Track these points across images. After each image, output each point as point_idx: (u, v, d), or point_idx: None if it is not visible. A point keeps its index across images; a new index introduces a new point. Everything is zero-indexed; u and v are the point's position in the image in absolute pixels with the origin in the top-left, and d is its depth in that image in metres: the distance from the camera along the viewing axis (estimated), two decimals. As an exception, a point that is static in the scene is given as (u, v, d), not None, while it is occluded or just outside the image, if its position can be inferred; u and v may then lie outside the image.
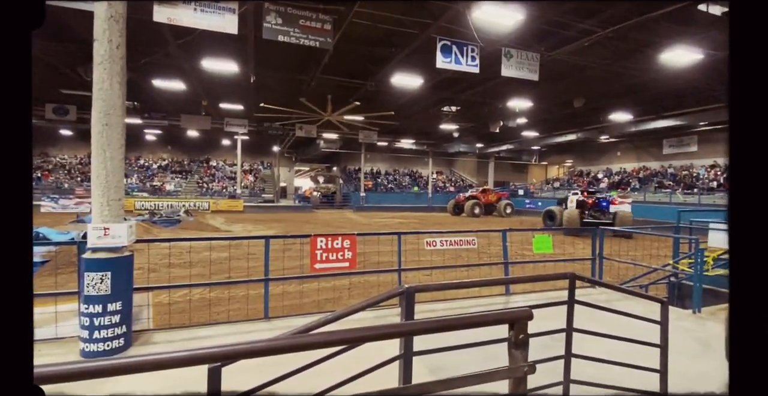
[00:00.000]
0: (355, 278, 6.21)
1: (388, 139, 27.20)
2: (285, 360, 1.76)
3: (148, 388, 2.86)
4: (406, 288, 1.75)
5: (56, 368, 0.73)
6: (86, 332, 3.38)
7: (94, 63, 3.17)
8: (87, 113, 18.26)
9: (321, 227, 16.07)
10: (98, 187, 3.31)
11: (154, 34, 9.28)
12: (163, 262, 6.56)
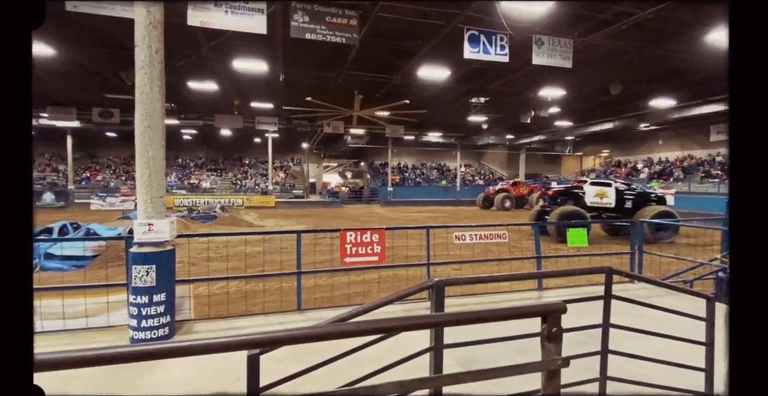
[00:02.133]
0: (385, 272, 6.27)
1: (415, 132, 27.01)
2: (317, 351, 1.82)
3: (189, 375, 3.05)
4: (436, 281, 1.76)
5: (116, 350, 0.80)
6: (135, 321, 3.63)
7: (135, 68, 3.36)
8: (129, 116, 19.26)
9: (349, 222, 16.28)
10: (142, 186, 3.53)
11: (188, 38, 9.66)
12: (201, 256, 6.89)
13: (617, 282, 3.15)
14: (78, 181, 25.54)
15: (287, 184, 29.62)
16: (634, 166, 26.83)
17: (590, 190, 11.45)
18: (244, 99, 18.18)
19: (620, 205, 11.21)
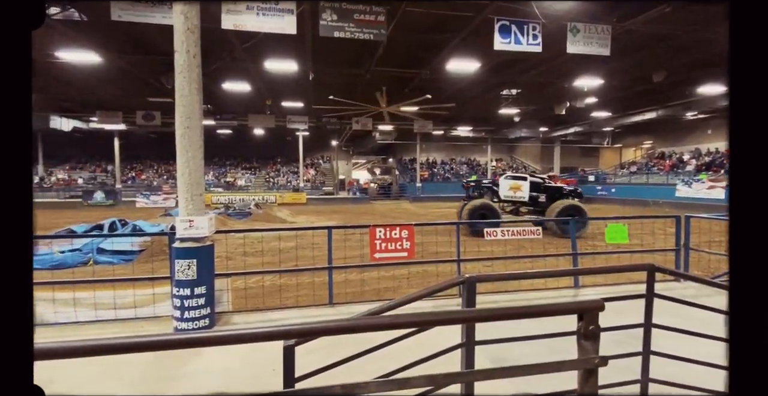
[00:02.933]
0: (414, 268, 6.27)
1: (444, 127, 26.67)
2: (348, 345, 1.86)
3: (228, 364, 3.20)
4: (467, 277, 1.75)
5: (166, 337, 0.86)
6: (178, 312, 3.85)
7: (175, 72, 3.53)
8: (169, 118, 20.24)
9: (378, 218, 16.39)
10: (183, 184, 3.72)
11: (223, 41, 10.01)
12: (238, 251, 7.17)
13: (661, 280, 2.98)
14: (124, 181, 27.23)
15: (317, 181, 30.18)
16: (679, 157, 25.18)
17: (504, 184, 11.53)
18: (276, 99, 18.65)
19: (534, 199, 11.25)
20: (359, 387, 0.84)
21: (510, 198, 11.48)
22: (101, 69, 13.16)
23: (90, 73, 13.92)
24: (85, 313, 4.20)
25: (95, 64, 12.36)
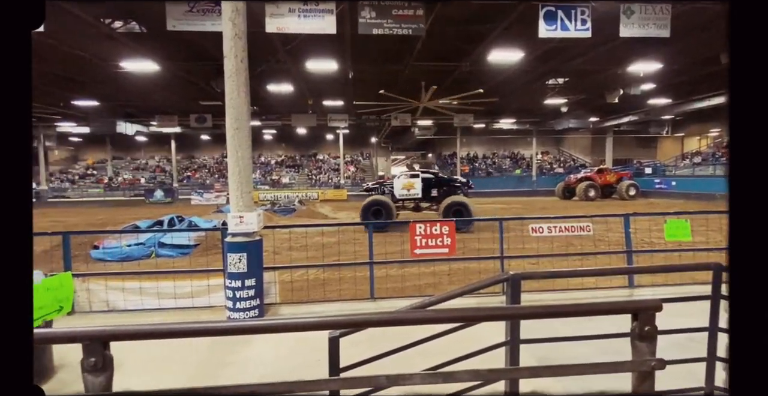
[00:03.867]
0: (455, 264, 6.20)
1: (486, 120, 25.92)
2: (390, 339, 1.89)
3: (275, 354, 3.36)
4: (512, 274, 1.70)
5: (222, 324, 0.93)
6: (230, 302, 4.10)
7: (225, 77, 3.74)
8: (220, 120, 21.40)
9: (418, 214, 16.30)
10: (234, 182, 3.94)
11: (266, 44, 10.40)
12: (284, 245, 7.47)
13: (729, 281, 2.72)
14: (180, 180, 29.26)
15: (357, 177, 30.61)
16: (754, 146, 22.65)
17: (398, 184, 11.96)
18: (317, 98, 19.10)
19: (426, 195, 11.72)
20: (404, 378, 0.85)
21: (405, 196, 11.92)
22: (159, 76, 14.19)
23: (149, 80, 15.06)
24: (149, 301, 4.60)
25: (154, 72, 13.35)
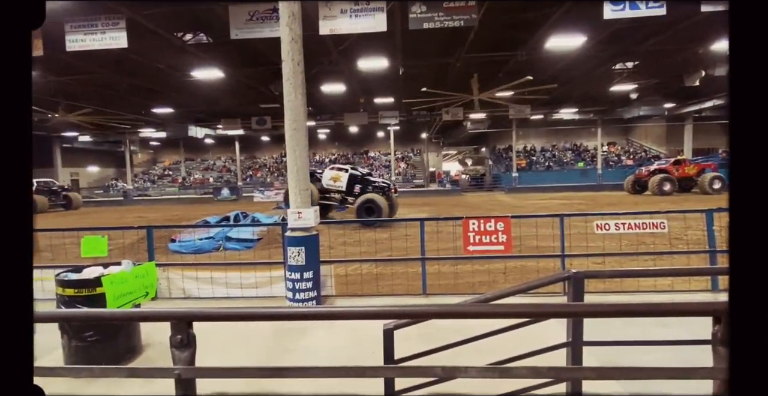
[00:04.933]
0: (511, 262, 5.99)
1: (544, 111, 24.51)
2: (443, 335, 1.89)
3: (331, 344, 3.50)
4: (574, 273, 1.62)
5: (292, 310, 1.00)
6: (290, 293, 4.34)
7: (283, 80, 3.94)
8: (278, 121, 22.51)
9: (471, 210, 15.94)
10: (293, 180, 4.15)
11: (320, 46, 10.76)
12: (338, 241, 7.73)
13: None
14: (244, 179, 31.34)
15: (408, 174, 30.61)
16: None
17: (327, 174, 12.83)
18: (368, 96, 19.38)
19: (350, 189, 12.29)
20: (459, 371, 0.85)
21: (331, 187, 12.61)
22: (223, 83, 15.29)
23: (215, 87, 16.28)
24: (219, 289, 5.02)
25: (219, 79, 14.41)
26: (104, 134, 26.51)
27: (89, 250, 4.60)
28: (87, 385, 2.87)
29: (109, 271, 3.25)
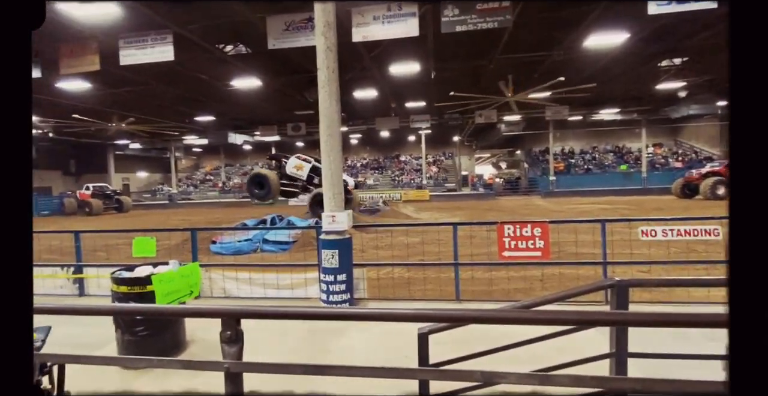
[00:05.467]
0: (549, 269, 5.78)
1: (583, 112, 23.54)
2: (479, 341, 1.86)
3: (366, 346, 3.53)
4: (617, 281, 1.55)
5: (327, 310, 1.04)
6: (324, 295, 4.42)
7: (318, 87, 4.06)
8: (312, 128, 23.05)
9: (506, 215, 15.54)
10: (327, 184, 4.25)
11: (353, 53, 10.96)
12: (370, 244, 7.79)
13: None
14: (279, 183, 32.37)
15: (440, 177, 30.35)
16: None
17: (292, 162, 12.82)
18: (399, 100, 19.48)
19: (310, 180, 12.39)
20: (499, 376, 0.84)
21: (293, 174, 12.73)
22: (260, 91, 15.92)
23: (253, 95, 16.98)
24: (257, 290, 5.20)
25: (257, 88, 15.02)
26: (152, 142, 28.32)
27: (140, 251, 4.92)
28: (136, 378, 3.07)
29: (157, 270, 3.47)
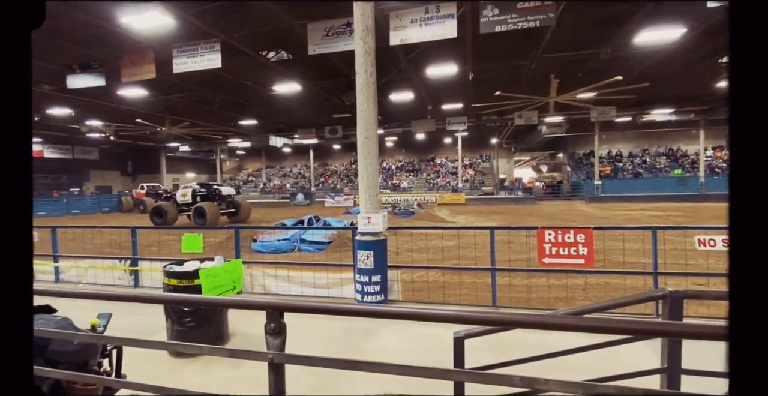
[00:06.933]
0: (593, 278, 5.50)
1: (632, 112, 22.19)
2: (516, 349, 1.80)
3: (399, 347, 3.53)
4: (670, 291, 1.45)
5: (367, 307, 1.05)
6: (359, 295, 4.47)
7: (356, 91, 4.13)
8: (349, 131, 23.43)
9: (546, 220, 14.96)
10: (363, 186, 4.31)
11: (390, 56, 11.05)
12: (404, 247, 7.78)
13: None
14: (317, 185, 33.13)
15: (476, 181, 29.76)
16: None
17: (179, 192, 15.99)
18: (436, 102, 19.35)
19: (194, 201, 15.22)
20: (539, 382, 0.81)
21: (183, 201, 15.62)
22: (300, 95, 16.42)
23: (293, 99, 17.55)
24: (294, 288, 5.36)
25: (297, 92, 15.52)
26: (199, 145, 30.01)
27: (188, 246, 5.24)
28: (184, 366, 3.27)
29: (204, 265, 3.67)
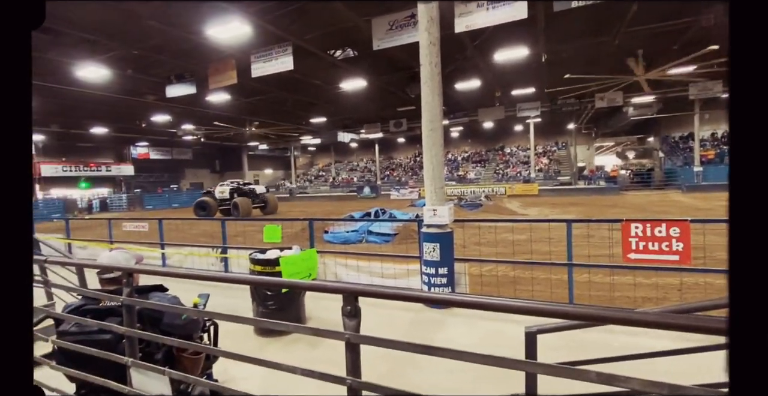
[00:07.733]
0: (690, 277, 4.88)
1: (745, 87, 18.87)
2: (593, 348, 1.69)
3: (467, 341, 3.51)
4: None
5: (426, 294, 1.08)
6: (425, 287, 4.51)
7: (421, 83, 4.13)
8: (413, 123, 23.38)
9: (633, 212, 13.51)
10: (428, 178, 4.31)
11: (455, 44, 10.75)
12: (471, 240, 7.62)
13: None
14: (382, 178, 33.73)
15: (551, 170, 27.83)
16: None
17: (218, 189, 18.33)
18: (505, 89, 18.41)
19: (231, 197, 17.41)
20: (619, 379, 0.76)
21: (221, 197, 17.66)
22: (365, 90, 16.77)
23: (359, 95, 17.99)
24: (363, 277, 5.58)
25: (362, 88, 15.87)
26: (276, 143, 32.26)
27: (269, 236, 5.72)
28: (268, 345, 3.62)
29: (284, 253, 4.00)
